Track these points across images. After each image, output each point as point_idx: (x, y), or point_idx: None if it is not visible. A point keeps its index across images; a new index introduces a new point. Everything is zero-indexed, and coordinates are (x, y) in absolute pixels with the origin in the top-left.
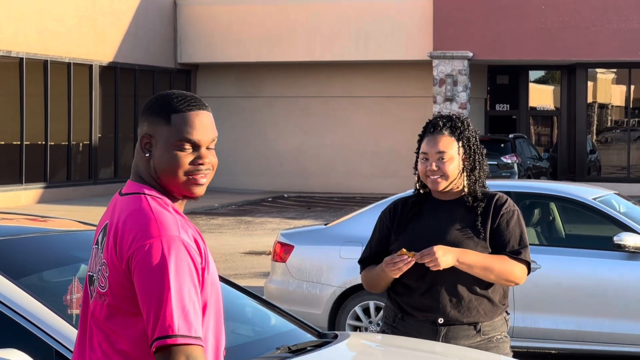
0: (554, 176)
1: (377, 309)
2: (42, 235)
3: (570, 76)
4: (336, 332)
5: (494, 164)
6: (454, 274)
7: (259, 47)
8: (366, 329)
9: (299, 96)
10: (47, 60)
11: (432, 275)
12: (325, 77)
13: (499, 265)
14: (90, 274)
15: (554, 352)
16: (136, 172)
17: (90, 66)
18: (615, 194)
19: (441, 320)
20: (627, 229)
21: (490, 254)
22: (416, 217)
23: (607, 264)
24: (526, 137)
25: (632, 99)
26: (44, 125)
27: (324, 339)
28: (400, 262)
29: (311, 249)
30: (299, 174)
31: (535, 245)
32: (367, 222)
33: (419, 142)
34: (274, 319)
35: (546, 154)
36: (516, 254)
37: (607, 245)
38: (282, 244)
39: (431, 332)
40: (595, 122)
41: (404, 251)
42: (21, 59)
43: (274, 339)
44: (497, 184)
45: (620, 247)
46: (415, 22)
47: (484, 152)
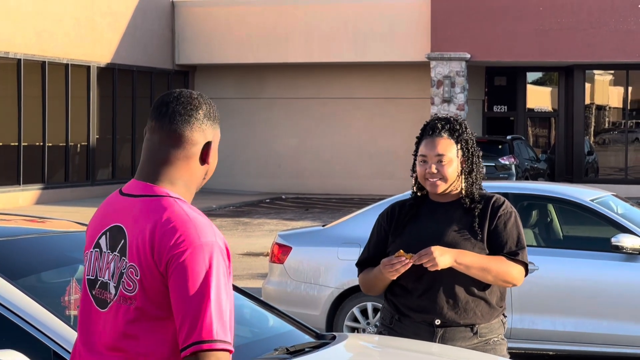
0: (552, 178)
1: (375, 310)
2: (40, 236)
3: (567, 78)
4: (334, 333)
5: (492, 166)
6: (452, 275)
7: (257, 48)
8: (364, 330)
9: (297, 97)
10: (45, 61)
11: (429, 276)
12: (323, 79)
13: (496, 266)
14: (90, 277)
15: (551, 353)
16: (164, 174)
17: (88, 67)
18: (612, 195)
19: (438, 321)
20: (624, 230)
21: (487, 255)
22: (413, 219)
23: (605, 265)
24: (524, 138)
25: (629, 101)
26: (42, 126)
27: (322, 340)
28: (397, 264)
29: (309, 250)
30: (297, 175)
31: (532, 246)
32: (365, 224)
33: (417, 144)
34: (272, 320)
35: (544, 155)
36: (514, 255)
37: (604, 246)
38: (280, 245)
39: (428, 334)
40: (592, 123)
41: (402, 252)
42: (19, 60)
43: (272, 340)
44: (495, 186)
45: (617, 249)
46: (413, 24)
47: (480, 154)
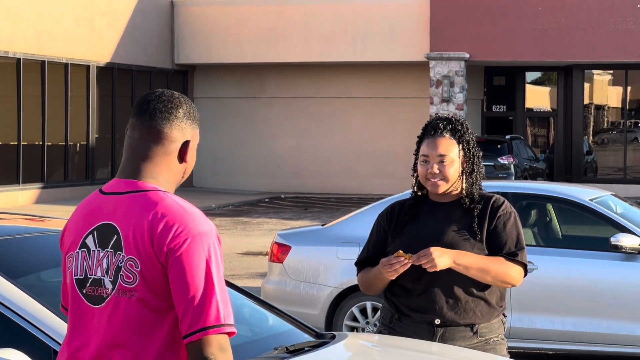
0: (551, 177)
1: (374, 310)
2: (39, 235)
3: (566, 77)
4: (334, 332)
5: (491, 165)
6: (451, 275)
7: (256, 48)
8: (363, 330)
9: (296, 97)
10: (45, 60)
11: (428, 276)
12: (322, 78)
13: (495, 266)
14: (79, 277)
15: (550, 352)
16: (145, 171)
17: (87, 67)
18: (611, 195)
19: (438, 321)
20: (623, 229)
21: (486, 255)
22: (413, 219)
23: (604, 264)
24: (523, 138)
25: (628, 100)
26: (41, 125)
27: (322, 340)
28: (396, 264)
29: (308, 250)
30: (296, 174)
31: (532, 246)
32: (364, 223)
33: (418, 143)
34: (272, 319)
35: (543, 155)
36: (513, 256)
37: (603, 246)
38: (279, 245)
39: (428, 333)
40: (591, 123)
41: (401, 253)
42: (18, 60)
43: (272, 340)
44: (494, 185)
45: (617, 248)
46: (412, 23)
47: (481, 154)
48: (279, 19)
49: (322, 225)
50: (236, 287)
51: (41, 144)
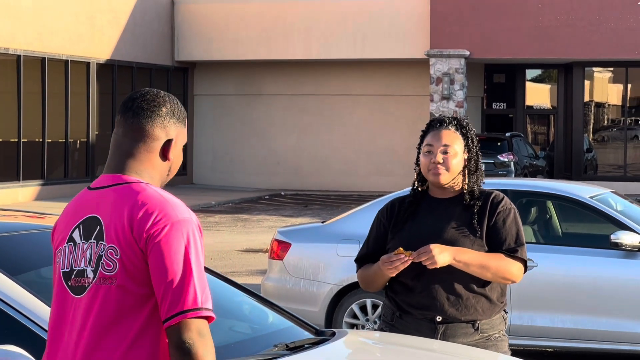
0: (551, 175)
1: (374, 307)
2: (39, 231)
3: (567, 75)
4: (334, 329)
5: (491, 163)
6: (451, 272)
7: (257, 45)
8: (363, 327)
9: (296, 94)
10: (45, 57)
11: (429, 273)
12: (322, 76)
13: (495, 263)
14: (65, 270)
15: (550, 350)
16: (130, 166)
17: (87, 64)
18: (612, 192)
19: (439, 318)
20: (623, 227)
21: (486, 252)
22: (413, 216)
23: (604, 262)
24: (523, 135)
25: (628, 98)
26: (42, 122)
27: (322, 337)
28: (397, 261)
29: (308, 247)
30: (296, 172)
31: (532, 243)
32: (364, 220)
33: (422, 137)
34: (272, 316)
35: (543, 152)
36: (512, 252)
37: (604, 243)
38: (279, 242)
39: (429, 330)
40: (592, 120)
41: (401, 250)
42: (19, 57)
43: (272, 337)
44: (494, 183)
45: (617, 246)
46: (412, 21)
47: (480, 154)
48: (279, 17)
49: (322, 222)
50: (236, 284)
51: (41, 140)
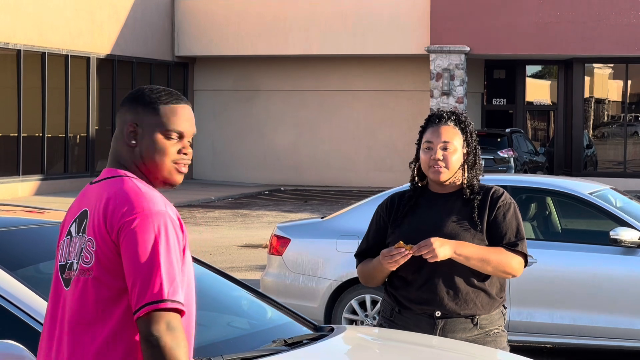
0: (551, 171)
1: (373, 303)
2: (38, 227)
3: (567, 71)
4: (332, 325)
5: (491, 159)
6: (451, 266)
7: (257, 40)
8: (362, 323)
9: (296, 90)
10: (45, 52)
11: (429, 267)
12: (322, 71)
13: (495, 257)
14: (62, 263)
15: (549, 346)
16: (116, 159)
17: (87, 58)
18: (611, 188)
19: (438, 313)
20: (623, 223)
21: (487, 246)
22: (413, 210)
23: (603, 258)
24: (523, 131)
25: (628, 94)
26: (42, 117)
27: (320, 332)
28: (397, 255)
29: (308, 242)
30: (296, 167)
31: (531, 239)
32: (363, 216)
33: (421, 133)
34: (270, 312)
35: (543, 148)
36: (513, 246)
37: (603, 240)
38: (279, 237)
39: (428, 325)
40: (592, 117)
41: (402, 244)
42: (19, 51)
43: (270, 332)
44: (494, 178)
45: (616, 242)
46: (412, 16)
47: (479, 148)
48: (279, 12)
49: (322, 218)
50: (234, 279)
51: (41, 135)
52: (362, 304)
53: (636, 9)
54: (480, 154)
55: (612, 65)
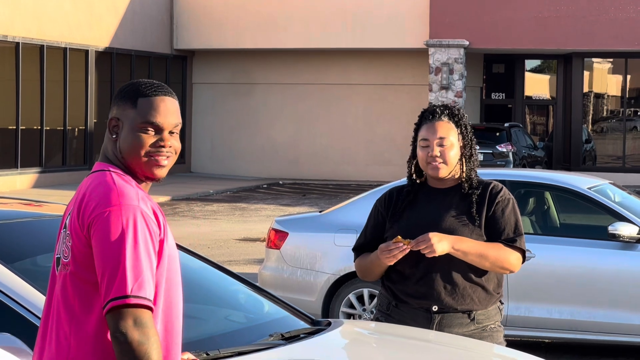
0: (549, 165)
1: (371, 297)
2: (36, 219)
3: (566, 65)
4: (329, 319)
5: (489, 153)
6: (449, 261)
7: (255, 33)
8: (360, 317)
9: (295, 83)
10: (44, 45)
11: (426, 262)
12: (321, 64)
13: (494, 252)
14: (57, 256)
15: (547, 341)
16: (104, 153)
17: (86, 51)
18: (610, 183)
19: (435, 307)
20: (622, 218)
21: (485, 241)
22: (411, 205)
23: (602, 253)
24: (522, 126)
25: (628, 89)
26: (40, 110)
27: (317, 327)
28: (395, 250)
29: (305, 236)
30: (295, 160)
31: (529, 234)
32: (361, 210)
33: (416, 130)
34: (267, 305)
35: (541, 143)
36: (511, 242)
37: (601, 234)
38: (277, 231)
39: (425, 320)
40: (591, 111)
41: (399, 238)
42: (17, 44)
43: (267, 326)
44: (492, 173)
45: (614, 237)
46: (411, 10)
47: (475, 141)
48: (278, 5)
49: (320, 211)
50: (231, 273)
51: (39, 128)
52: (360, 298)
53: (635, 4)
54: (474, 148)
55: (611, 59)
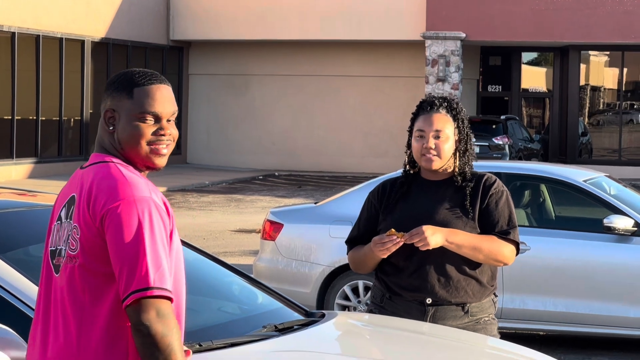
0: (545, 158)
1: (366, 289)
2: (28, 209)
3: (563, 58)
4: (323, 311)
5: (485, 145)
6: (443, 254)
7: (253, 25)
8: (355, 309)
9: (292, 75)
10: (39, 35)
11: (420, 255)
12: (318, 56)
13: (487, 245)
14: (52, 248)
15: (542, 333)
16: (101, 145)
17: (82, 42)
18: (605, 176)
19: (429, 300)
20: (617, 211)
21: (479, 234)
22: (405, 197)
23: (597, 246)
24: (518, 118)
25: (624, 82)
26: (36, 100)
27: (311, 318)
28: (388, 242)
29: (301, 228)
30: (291, 152)
31: (524, 226)
32: (356, 202)
33: (413, 120)
34: (261, 297)
35: (538, 135)
36: (505, 234)
37: (596, 227)
38: (272, 222)
39: (419, 313)
40: (587, 104)
41: (393, 231)
42: (13, 34)
43: (261, 318)
44: (488, 165)
45: (609, 230)
46: (408, 2)
47: (472, 135)
48: None
49: (315, 203)
50: (225, 264)
51: (35, 118)
52: (355, 290)
53: None
54: (472, 141)
55: (608, 52)
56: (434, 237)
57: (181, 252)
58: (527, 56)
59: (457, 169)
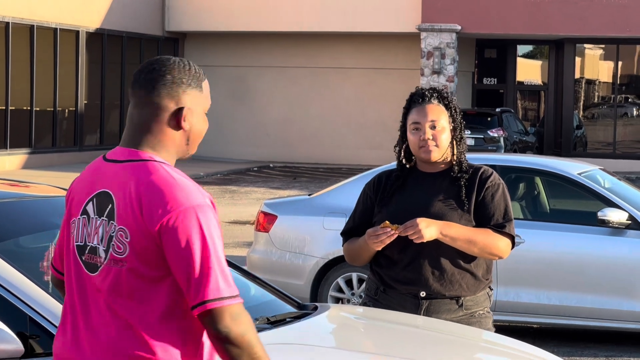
0: (540, 151)
1: (360, 281)
2: (19, 200)
3: (558, 51)
4: (316, 303)
5: (481, 138)
6: (437, 246)
7: (248, 16)
8: (348, 301)
9: (287, 66)
10: (34, 25)
11: (414, 247)
12: (313, 48)
13: (482, 238)
14: (79, 243)
15: (536, 326)
16: (145, 141)
17: (77, 32)
18: (600, 169)
19: (423, 293)
20: (611, 204)
21: (474, 227)
22: (400, 190)
23: (591, 239)
24: (513, 111)
25: (619, 75)
26: (30, 90)
27: (304, 311)
28: (383, 235)
29: (294, 219)
30: (286, 144)
31: (519, 219)
32: (351, 194)
33: (405, 114)
34: (254, 289)
35: (533, 128)
36: (500, 228)
37: (591, 220)
38: (266, 214)
39: (413, 306)
40: (582, 97)
41: (387, 223)
42: (7, 24)
43: (253, 310)
44: (483, 158)
45: (604, 223)
46: None
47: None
48: None
49: (309, 195)
50: None
51: (29, 109)
52: (349, 282)
53: None
54: (463, 131)
55: (603, 46)
56: (428, 229)
57: None
58: (522, 49)
59: (455, 158)
